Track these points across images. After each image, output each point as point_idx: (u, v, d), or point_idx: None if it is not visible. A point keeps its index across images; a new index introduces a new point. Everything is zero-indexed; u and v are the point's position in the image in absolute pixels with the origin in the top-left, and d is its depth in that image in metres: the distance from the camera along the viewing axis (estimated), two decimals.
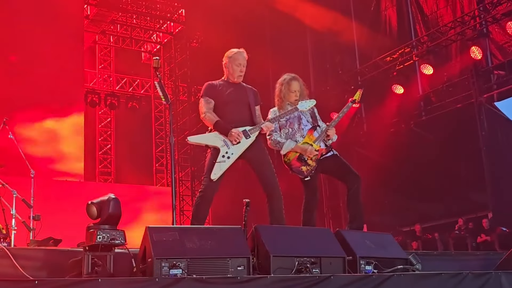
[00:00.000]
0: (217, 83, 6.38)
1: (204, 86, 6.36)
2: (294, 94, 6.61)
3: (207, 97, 6.27)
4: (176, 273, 4.49)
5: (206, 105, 6.24)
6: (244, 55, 6.37)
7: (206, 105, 6.24)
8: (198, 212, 6.12)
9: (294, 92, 6.61)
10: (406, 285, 5.09)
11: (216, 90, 6.30)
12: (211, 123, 6.14)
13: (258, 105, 6.45)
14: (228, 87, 6.33)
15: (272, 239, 5.13)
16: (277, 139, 6.52)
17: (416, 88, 16.43)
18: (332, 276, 4.77)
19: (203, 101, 6.28)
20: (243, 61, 6.36)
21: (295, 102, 6.57)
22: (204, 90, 6.33)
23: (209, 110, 6.21)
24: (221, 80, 6.42)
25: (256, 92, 6.49)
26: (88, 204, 5.02)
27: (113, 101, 20.14)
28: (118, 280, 4.21)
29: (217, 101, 6.25)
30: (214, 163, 6.03)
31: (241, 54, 6.38)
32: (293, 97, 6.61)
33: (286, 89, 6.63)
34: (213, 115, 6.17)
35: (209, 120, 6.17)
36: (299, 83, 6.68)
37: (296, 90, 6.61)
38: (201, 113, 6.25)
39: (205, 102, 6.26)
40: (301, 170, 6.42)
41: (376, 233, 6.19)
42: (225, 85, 6.34)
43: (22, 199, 8.41)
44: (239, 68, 6.34)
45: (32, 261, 5.08)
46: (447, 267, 6.06)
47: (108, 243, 4.79)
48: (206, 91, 6.31)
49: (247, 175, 6.57)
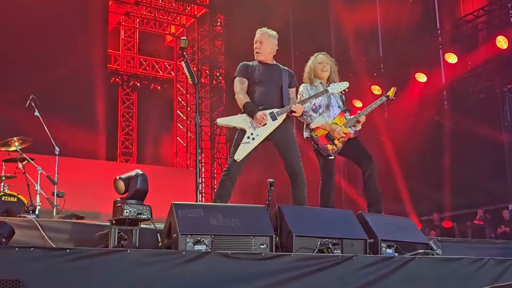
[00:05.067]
0: (251, 63, 6.40)
1: (238, 66, 6.39)
2: (321, 66, 6.67)
3: (241, 77, 6.31)
4: (200, 248, 4.55)
5: (240, 85, 6.28)
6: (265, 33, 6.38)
7: (239, 85, 6.28)
8: (222, 191, 6.18)
9: (321, 63, 6.67)
10: (427, 268, 5.13)
11: (248, 70, 6.32)
12: (241, 103, 6.20)
13: (294, 88, 6.45)
14: (262, 68, 6.35)
15: (295, 219, 5.18)
16: (309, 113, 6.55)
17: (439, 77, 16.30)
18: (354, 257, 4.82)
19: (237, 81, 6.31)
20: (259, 38, 6.37)
21: (322, 74, 6.61)
22: (238, 70, 6.36)
23: (242, 90, 6.25)
24: (256, 61, 6.45)
25: (292, 74, 6.47)
26: (115, 179, 5.10)
27: (136, 83, 20.28)
28: (146, 252, 4.29)
29: (249, 81, 6.29)
30: (239, 144, 6.10)
31: (260, 31, 6.42)
32: (319, 68, 6.65)
33: (313, 62, 6.70)
34: (245, 96, 6.21)
35: (240, 101, 6.23)
36: (328, 58, 6.74)
37: (322, 61, 6.67)
38: (235, 92, 6.30)
39: (239, 82, 6.30)
40: (326, 148, 6.47)
41: (397, 217, 6.20)
42: (258, 66, 6.36)
43: (46, 175, 8.54)
44: (255, 45, 6.37)
45: (59, 233, 5.19)
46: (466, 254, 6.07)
47: (134, 218, 4.88)
48: (240, 71, 6.34)
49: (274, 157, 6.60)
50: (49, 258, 3.89)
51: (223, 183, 6.18)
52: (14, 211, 7.87)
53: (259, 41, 6.36)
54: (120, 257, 4.09)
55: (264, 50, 6.36)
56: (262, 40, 6.36)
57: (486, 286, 3.85)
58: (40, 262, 3.85)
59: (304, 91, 6.59)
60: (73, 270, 3.91)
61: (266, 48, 6.37)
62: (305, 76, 6.76)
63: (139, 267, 4.12)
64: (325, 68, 6.67)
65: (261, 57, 6.36)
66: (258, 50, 6.35)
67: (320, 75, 6.68)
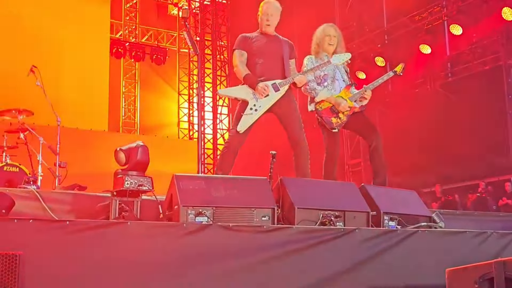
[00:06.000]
0: (250, 35, 6.34)
1: (237, 38, 6.33)
2: (328, 39, 6.57)
3: (240, 49, 6.25)
4: (201, 220, 4.54)
5: (239, 57, 6.22)
6: (274, 5, 6.31)
7: (238, 58, 6.22)
8: (223, 162, 6.17)
9: (328, 36, 6.58)
10: (429, 241, 5.12)
11: (248, 42, 6.26)
12: (241, 76, 6.13)
13: (294, 59, 6.40)
14: (262, 39, 6.29)
15: (297, 191, 5.15)
16: (314, 86, 6.48)
17: (444, 49, 16.13)
18: (357, 230, 4.81)
19: (236, 54, 6.25)
20: (270, 11, 6.29)
21: (329, 47, 6.53)
22: (237, 42, 6.31)
23: (241, 63, 6.19)
24: (256, 32, 6.38)
25: (292, 45, 6.43)
26: (116, 150, 5.07)
27: (138, 53, 20.14)
28: (147, 224, 4.27)
29: (249, 53, 6.23)
30: (242, 115, 6.05)
31: (269, 3, 6.33)
32: (326, 41, 6.56)
33: (321, 34, 6.60)
34: (244, 68, 6.15)
35: (239, 73, 6.17)
36: (335, 31, 6.65)
37: (330, 34, 6.58)
38: (234, 65, 6.24)
39: (238, 54, 6.24)
40: (330, 121, 6.42)
41: (400, 189, 6.18)
42: (258, 37, 6.31)
43: (48, 145, 8.52)
44: (266, 17, 6.30)
45: (60, 204, 5.16)
46: (469, 226, 6.06)
47: (135, 189, 4.86)
48: (239, 43, 6.28)
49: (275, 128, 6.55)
50: (49, 230, 3.88)
51: (225, 155, 6.16)
52: (15, 181, 7.85)
53: (269, 14, 6.30)
54: (121, 229, 4.08)
55: (273, 23, 6.33)
56: (273, 13, 6.32)
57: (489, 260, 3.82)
58: (39, 234, 3.83)
59: (309, 63, 6.51)
60: (73, 242, 3.90)
61: (275, 20, 6.34)
62: (312, 48, 6.66)
63: (140, 238, 4.11)
64: (332, 41, 6.58)
65: (270, 30, 6.32)
66: (269, 22, 6.30)
67: (326, 48, 6.59)
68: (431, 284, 4.81)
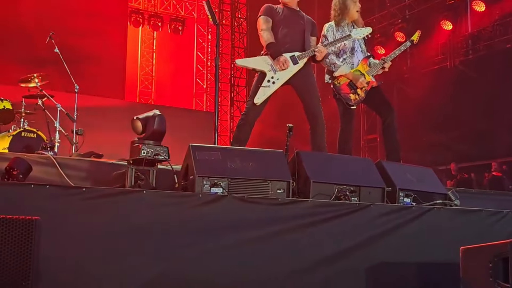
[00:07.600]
0: (275, 6, 6.37)
1: (263, 7, 6.34)
2: (357, 6, 6.48)
3: (266, 16, 6.24)
4: (216, 191, 4.53)
5: (266, 23, 6.24)
6: None
7: (265, 23, 6.23)
8: (239, 134, 6.16)
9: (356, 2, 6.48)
10: (444, 219, 5.10)
11: (273, 11, 6.30)
12: (265, 42, 6.13)
13: (315, 37, 6.39)
14: (286, 11, 6.32)
15: (313, 165, 5.13)
16: (334, 60, 6.43)
17: (466, 26, 15.94)
18: (372, 205, 4.79)
19: (262, 19, 6.26)
20: None
21: (355, 14, 6.46)
22: (263, 10, 6.31)
23: (268, 28, 6.20)
24: (280, 4, 6.40)
25: (314, 23, 6.43)
26: (133, 119, 5.06)
27: (156, 22, 20.05)
28: (162, 193, 4.28)
29: (273, 22, 6.24)
30: (259, 87, 6.02)
31: None
32: (355, 8, 6.47)
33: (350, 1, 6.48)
34: (271, 34, 6.16)
35: (265, 38, 6.16)
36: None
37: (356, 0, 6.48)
38: (259, 29, 6.22)
39: (264, 20, 6.25)
40: (349, 97, 6.37)
41: (417, 166, 6.14)
42: (283, 9, 6.34)
43: (66, 112, 8.55)
44: None
45: (76, 171, 5.19)
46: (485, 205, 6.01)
47: (152, 158, 4.86)
48: (265, 11, 6.30)
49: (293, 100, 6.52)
50: (65, 196, 3.90)
51: (241, 126, 6.16)
52: (33, 147, 7.91)
53: None
54: (137, 197, 4.10)
55: None
56: None
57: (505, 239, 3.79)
58: (55, 200, 3.85)
59: (330, 33, 6.44)
60: (89, 209, 3.92)
61: None
62: (333, 14, 6.55)
63: (155, 207, 4.13)
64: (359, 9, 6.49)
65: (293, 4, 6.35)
66: None
67: (353, 15, 6.48)
68: (445, 261, 4.80)
